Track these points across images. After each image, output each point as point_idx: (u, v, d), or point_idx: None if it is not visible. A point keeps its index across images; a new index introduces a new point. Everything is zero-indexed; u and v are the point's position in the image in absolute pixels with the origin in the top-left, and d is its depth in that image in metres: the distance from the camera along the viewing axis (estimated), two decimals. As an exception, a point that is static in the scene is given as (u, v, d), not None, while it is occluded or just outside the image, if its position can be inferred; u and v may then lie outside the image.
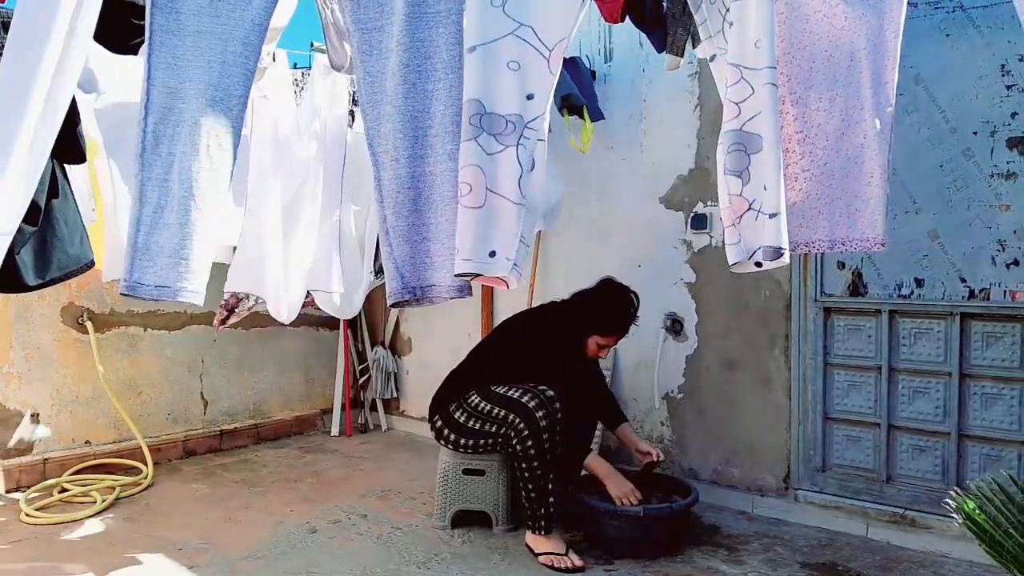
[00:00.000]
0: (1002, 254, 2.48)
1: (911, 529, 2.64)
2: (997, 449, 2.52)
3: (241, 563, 2.48)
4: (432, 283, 1.75)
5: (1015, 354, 2.47)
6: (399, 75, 1.72)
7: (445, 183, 1.72)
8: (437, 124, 1.72)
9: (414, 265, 1.75)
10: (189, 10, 1.69)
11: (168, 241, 1.71)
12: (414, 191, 1.74)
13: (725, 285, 3.08)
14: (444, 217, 1.73)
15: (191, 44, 1.69)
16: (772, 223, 1.72)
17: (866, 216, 1.69)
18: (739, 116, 1.75)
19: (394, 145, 1.74)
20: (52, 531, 2.76)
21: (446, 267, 1.72)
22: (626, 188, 3.39)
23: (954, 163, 2.54)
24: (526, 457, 2.50)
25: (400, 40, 1.71)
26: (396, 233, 1.75)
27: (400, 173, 1.74)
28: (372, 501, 3.15)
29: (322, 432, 4.42)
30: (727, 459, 3.12)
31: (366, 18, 1.78)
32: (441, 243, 1.73)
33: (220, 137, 1.72)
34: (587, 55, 3.48)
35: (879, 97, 1.68)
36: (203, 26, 1.69)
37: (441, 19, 1.70)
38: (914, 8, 2.62)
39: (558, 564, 2.43)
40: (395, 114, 1.73)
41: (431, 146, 1.73)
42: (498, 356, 2.79)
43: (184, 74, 1.68)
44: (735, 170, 1.75)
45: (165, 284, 1.71)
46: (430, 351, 4.30)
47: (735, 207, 1.77)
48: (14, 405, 3.26)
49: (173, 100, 1.69)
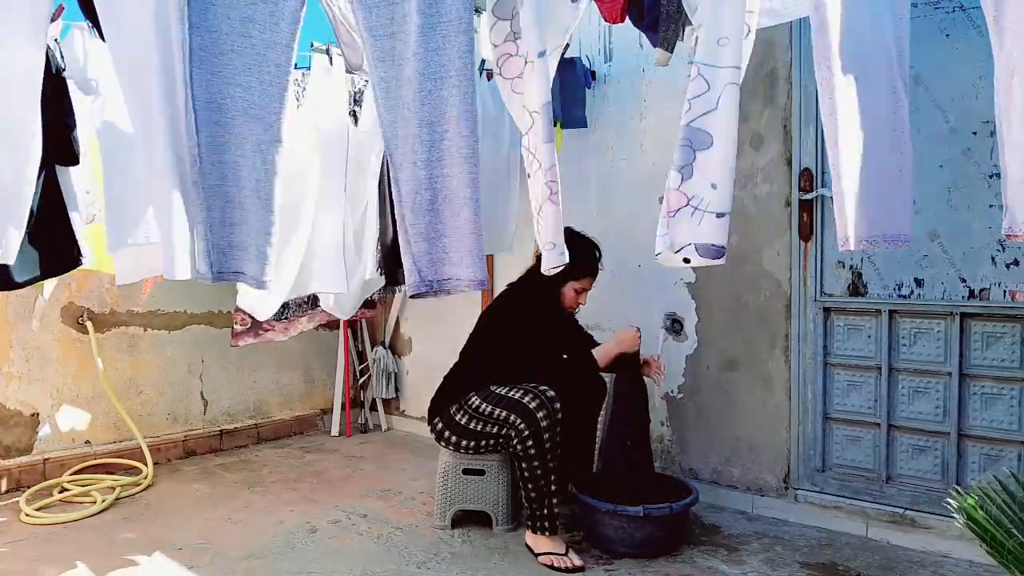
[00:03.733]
0: (1002, 254, 2.48)
1: (911, 529, 2.64)
2: (997, 449, 2.52)
3: (241, 563, 2.49)
4: (448, 276, 1.86)
5: (1015, 354, 2.47)
6: (415, 82, 1.82)
7: (462, 184, 1.82)
8: (453, 129, 1.81)
9: (432, 260, 1.85)
10: (224, 31, 1.81)
11: (237, 239, 1.91)
12: (431, 192, 1.84)
13: (725, 285, 3.08)
14: (461, 217, 1.83)
15: (227, 63, 1.82)
16: (718, 222, 1.74)
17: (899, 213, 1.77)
18: (690, 111, 1.78)
19: (412, 149, 1.84)
20: (52, 531, 2.76)
21: (463, 262, 1.84)
22: (626, 188, 3.39)
23: (954, 163, 2.55)
24: (527, 457, 2.50)
25: (416, 50, 1.80)
26: (415, 231, 1.85)
27: (419, 175, 1.84)
28: (372, 501, 3.15)
29: (322, 432, 4.43)
30: (727, 459, 3.12)
31: (378, 25, 1.85)
32: (458, 240, 1.84)
33: (264, 151, 1.88)
34: (587, 55, 3.48)
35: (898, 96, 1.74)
36: (237, 46, 1.82)
37: (453, 28, 1.79)
38: (914, 8, 2.60)
39: (558, 564, 2.44)
40: (412, 119, 1.83)
41: (447, 150, 1.83)
42: (488, 347, 2.78)
43: (225, 91, 1.83)
44: (678, 165, 1.78)
45: (242, 271, 1.92)
46: (430, 351, 4.30)
47: (671, 201, 1.78)
48: (14, 405, 3.26)
49: (219, 115, 1.84)
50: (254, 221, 1.90)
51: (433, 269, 1.86)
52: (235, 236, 1.91)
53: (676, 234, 1.77)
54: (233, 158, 1.86)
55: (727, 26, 1.75)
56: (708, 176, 1.74)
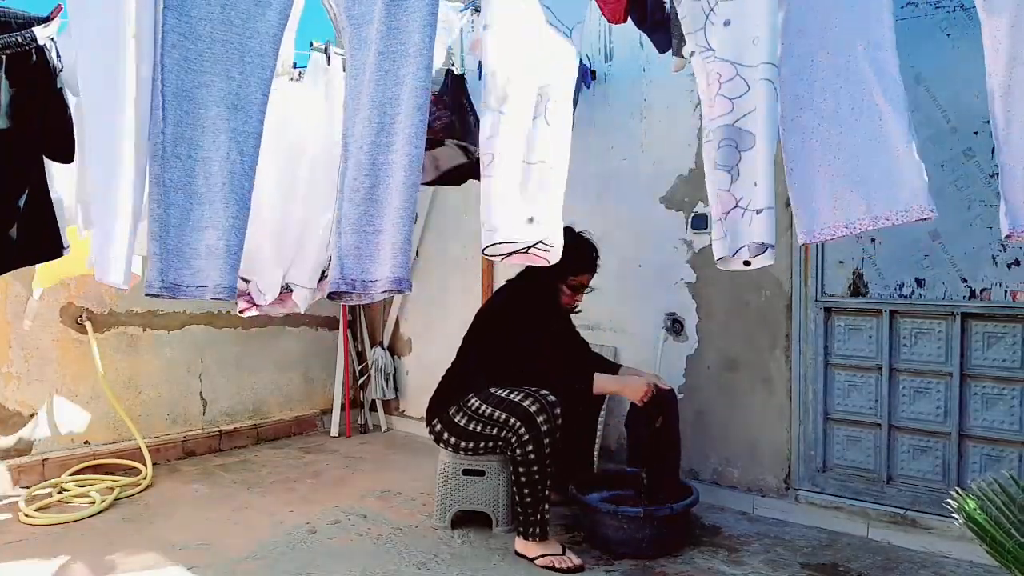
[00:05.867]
0: (1003, 254, 2.48)
1: (912, 529, 2.63)
2: (998, 449, 2.52)
3: (241, 564, 2.48)
4: (374, 278, 1.75)
5: (1016, 354, 2.47)
6: (375, 63, 1.74)
7: (401, 170, 1.73)
8: (404, 109, 1.72)
9: (359, 256, 1.75)
10: (201, 16, 1.69)
11: (200, 242, 1.71)
12: (372, 179, 1.75)
13: (725, 285, 3.07)
14: (395, 205, 1.73)
15: (206, 50, 1.70)
16: (760, 219, 1.73)
17: (906, 188, 1.68)
18: (732, 112, 1.76)
19: (362, 134, 1.76)
20: (52, 531, 2.76)
21: (389, 262, 1.73)
22: (626, 188, 3.38)
23: (955, 163, 2.54)
24: (525, 461, 2.49)
25: (379, 29, 1.74)
26: (347, 222, 1.76)
27: (362, 160, 1.75)
28: (372, 501, 3.14)
29: (322, 432, 4.42)
30: (727, 459, 3.11)
31: (358, 13, 1.80)
32: (389, 235, 1.73)
33: (242, 143, 1.76)
34: (587, 55, 3.48)
35: (884, 82, 1.69)
36: (217, 34, 1.71)
37: (417, 4, 1.72)
38: (914, 8, 2.62)
39: (560, 564, 2.43)
40: (368, 104, 1.75)
41: (395, 133, 1.74)
42: (486, 345, 2.77)
43: (199, 79, 1.70)
44: (725, 165, 1.76)
45: (204, 284, 1.72)
46: (430, 351, 4.29)
47: (723, 202, 1.78)
48: (13, 405, 3.26)
49: (190, 104, 1.70)
50: (223, 222, 1.74)
51: (359, 266, 1.76)
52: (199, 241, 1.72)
53: (733, 236, 1.76)
54: (204, 153, 1.72)
55: (758, 24, 1.74)
56: (752, 175, 1.74)
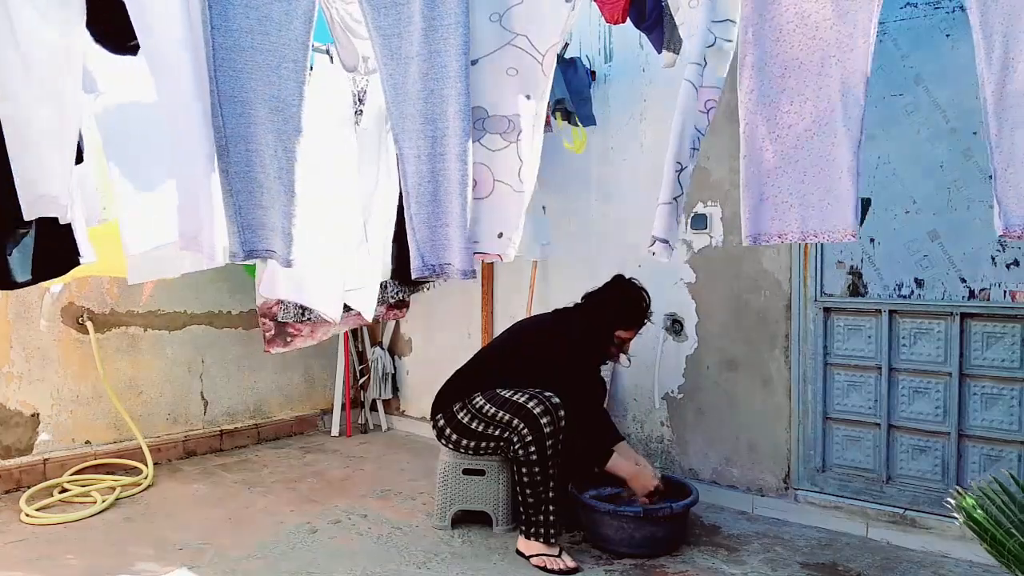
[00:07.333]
0: (1002, 254, 2.48)
1: (911, 529, 2.64)
2: (997, 449, 2.52)
3: (241, 563, 2.49)
4: (448, 261, 2.03)
5: (1015, 354, 2.47)
6: (420, 81, 1.98)
7: (455, 180, 2.00)
8: (451, 126, 1.97)
9: (433, 246, 2.04)
10: (242, 29, 1.93)
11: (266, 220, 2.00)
12: (433, 184, 2.02)
13: (725, 285, 3.08)
14: (455, 208, 2.01)
15: (248, 59, 1.94)
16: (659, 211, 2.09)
17: (838, 210, 1.77)
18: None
19: (416, 144, 2.02)
20: (52, 531, 2.76)
21: (458, 250, 2.00)
22: (626, 188, 3.39)
23: (954, 163, 2.55)
24: (527, 463, 2.50)
25: (419, 51, 1.97)
26: (418, 219, 2.04)
27: (422, 169, 2.02)
28: (372, 501, 3.15)
29: (322, 432, 4.43)
30: (727, 459, 3.12)
31: (386, 24, 1.99)
32: (455, 229, 2.01)
33: (285, 140, 2.00)
34: (587, 55, 3.48)
35: (848, 101, 1.74)
36: (256, 43, 1.94)
37: (450, 32, 1.94)
38: (913, 9, 2.62)
39: (551, 566, 2.43)
40: (417, 116, 2.00)
41: (447, 146, 1.99)
42: (512, 361, 2.75)
43: (246, 85, 1.95)
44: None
45: (272, 249, 2.01)
46: (430, 351, 4.30)
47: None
48: (14, 405, 3.26)
49: (242, 107, 1.96)
50: (280, 204, 2.02)
51: (435, 254, 2.04)
52: (264, 217, 2.02)
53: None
54: (257, 147, 1.99)
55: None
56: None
